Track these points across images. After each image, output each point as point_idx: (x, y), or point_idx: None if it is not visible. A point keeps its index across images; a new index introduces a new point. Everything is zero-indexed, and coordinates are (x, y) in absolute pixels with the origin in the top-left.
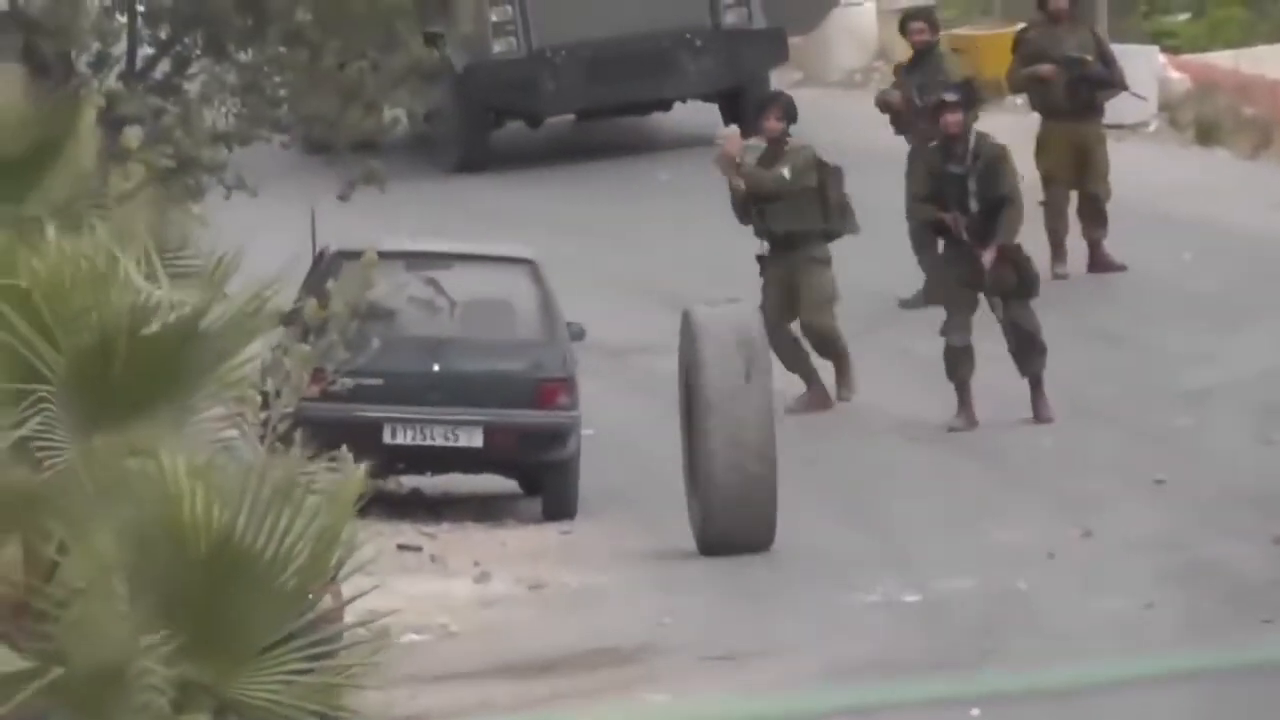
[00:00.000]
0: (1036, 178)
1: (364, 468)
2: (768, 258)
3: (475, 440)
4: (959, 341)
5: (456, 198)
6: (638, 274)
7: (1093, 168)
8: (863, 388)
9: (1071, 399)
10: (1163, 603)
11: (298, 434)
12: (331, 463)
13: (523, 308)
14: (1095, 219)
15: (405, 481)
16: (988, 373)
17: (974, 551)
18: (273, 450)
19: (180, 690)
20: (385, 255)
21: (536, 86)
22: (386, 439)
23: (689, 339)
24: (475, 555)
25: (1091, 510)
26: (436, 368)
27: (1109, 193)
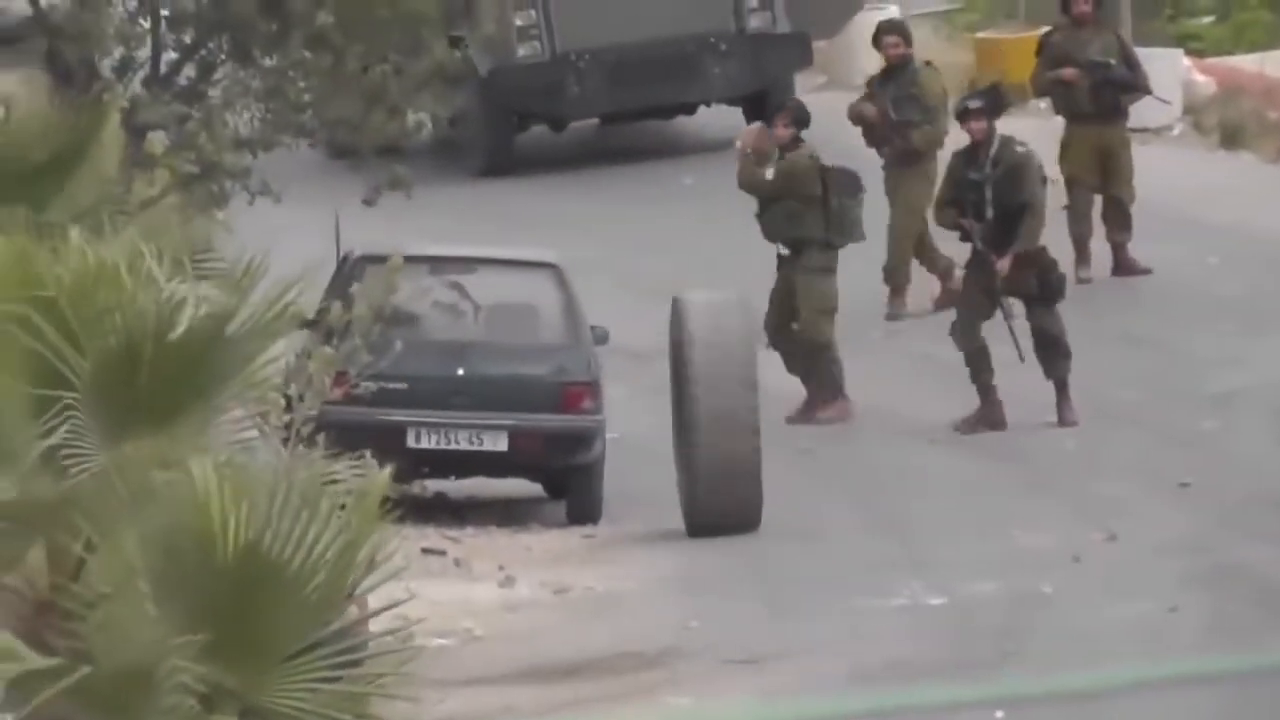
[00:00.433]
0: (1060, 181)
1: (389, 471)
2: (780, 259)
3: (500, 444)
4: (967, 346)
5: (480, 202)
6: (662, 278)
7: (1117, 171)
8: (886, 392)
9: (1096, 402)
10: (1188, 606)
11: (321, 437)
12: (356, 465)
13: (547, 312)
14: (1120, 222)
15: (429, 485)
16: (1009, 376)
17: (998, 555)
18: (296, 453)
19: (207, 696)
20: (409, 259)
21: (560, 90)
22: (410, 443)
23: (678, 323)
24: (500, 559)
25: (1116, 513)
26: (461, 372)
27: (1134, 196)
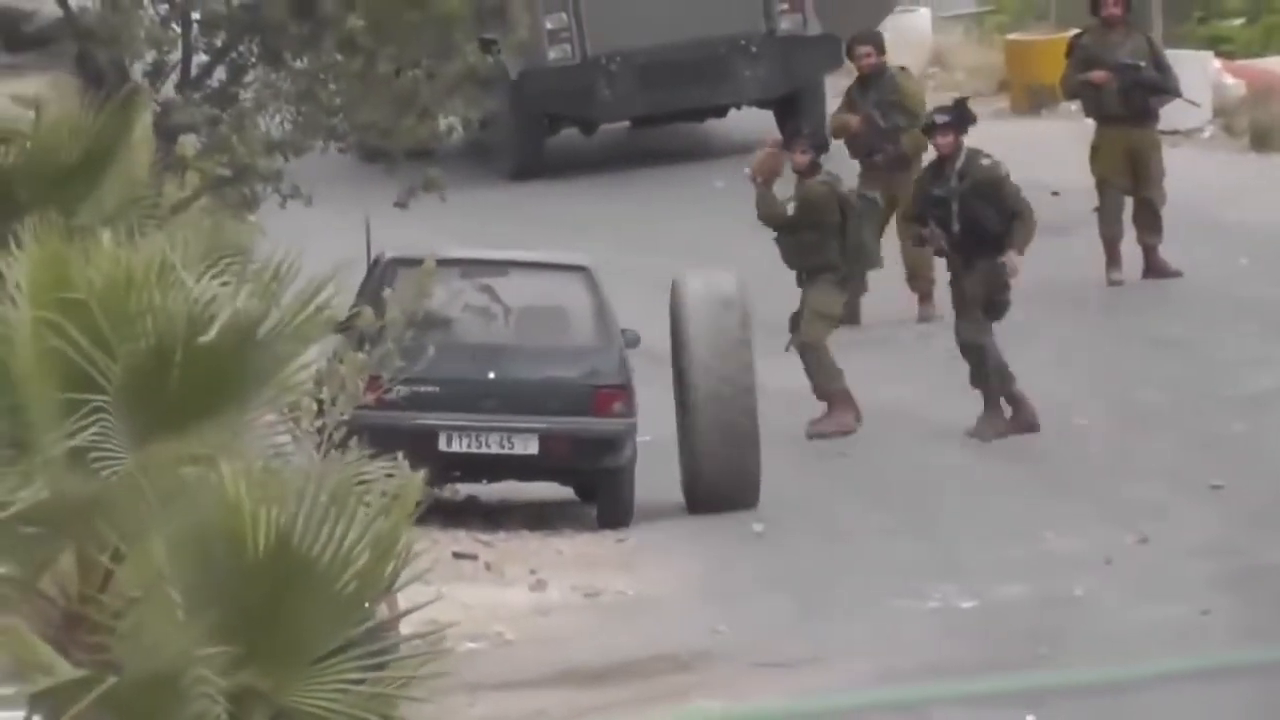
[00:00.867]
0: (1091, 183)
1: (422, 473)
2: (800, 281)
3: (531, 448)
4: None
5: (511, 204)
6: None
7: (1147, 173)
8: (916, 394)
9: (1127, 404)
10: (1219, 609)
11: (353, 441)
12: (389, 467)
13: (578, 315)
14: (1150, 224)
15: (461, 489)
16: (1033, 380)
17: (1030, 557)
18: (328, 456)
19: (236, 698)
20: (441, 263)
21: (591, 93)
22: (442, 446)
23: (677, 304)
24: (531, 563)
25: (1148, 516)
26: (492, 375)
27: (1164, 198)
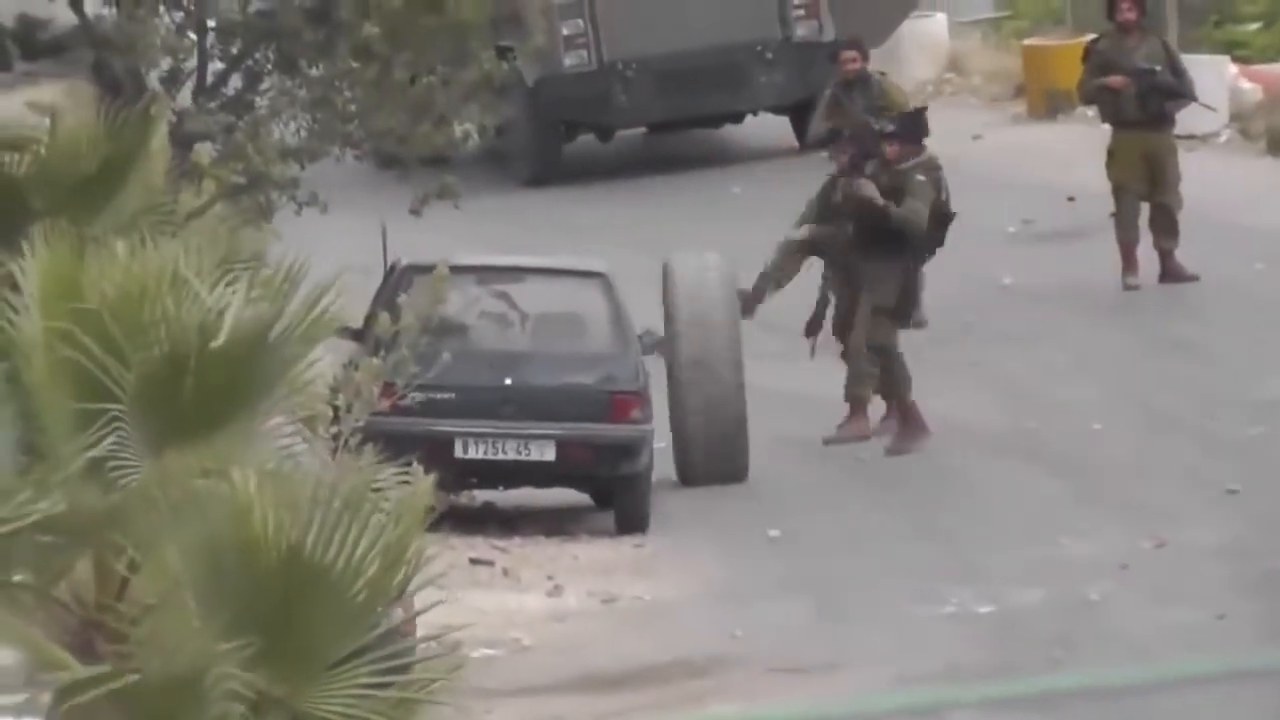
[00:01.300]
0: (1107, 188)
1: (432, 478)
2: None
3: (547, 454)
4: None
5: (527, 211)
6: None
7: (1164, 178)
8: (933, 399)
9: (1143, 408)
10: (1236, 613)
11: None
12: (402, 473)
13: (594, 321)
14: (1167, 229)
15: (477, 496)
16: (1050, 385)
17: (1046, 562)
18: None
19: (253, 704)
20: (457, 269)
21: (607, 99)
22: (458, 453)
23: (669, 285)
24: (548, 569)
25: (1164, 520)
26: (508, 382)
27: (1181, 203)
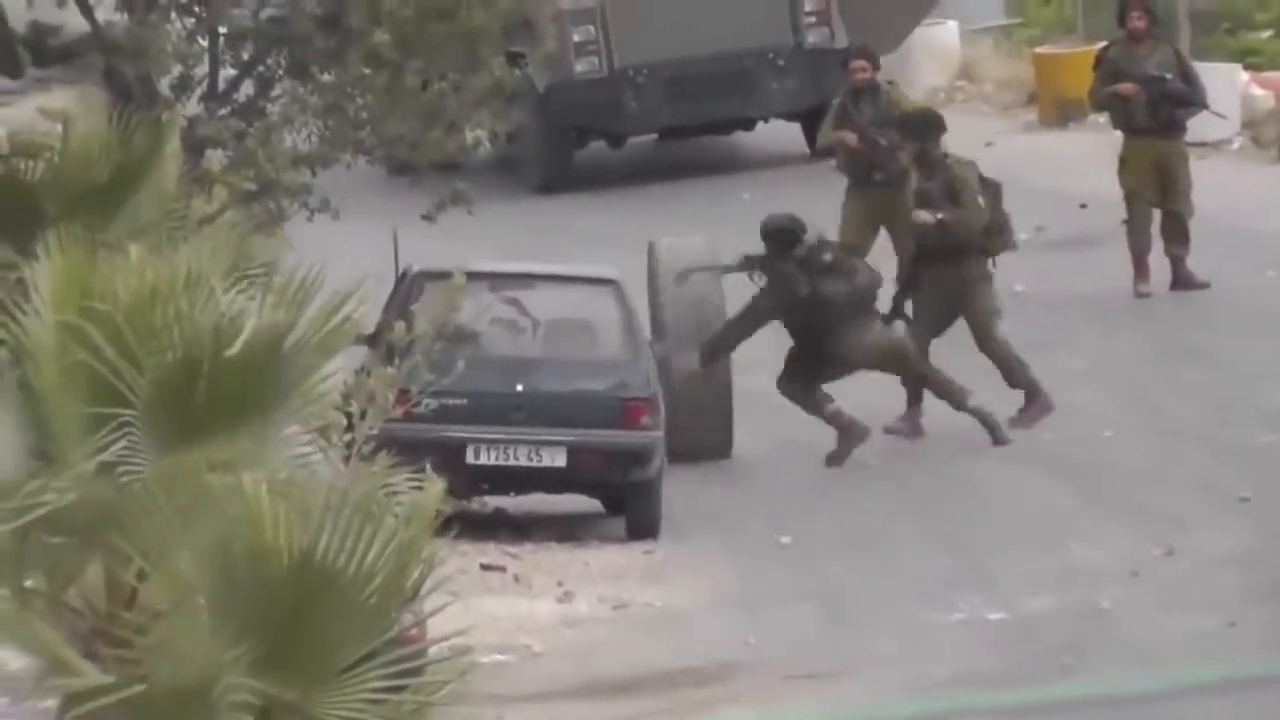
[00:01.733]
0: (1119, 196)
1: (442, 483)
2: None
3: (559, 460)
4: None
5: (539, 218)
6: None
7: (1175, 186)
8: (941, 405)
9: (1154, 415)
10: (1247, 620)
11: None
12: (414, 478)
13: (606, 328)
14: (1178, 236)
15: (489, 501)
16: (1061, 392)
17: (1057, 569)
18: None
19: (264, 710)
20: (469, 276)
21: (618, 106)
22: (470, 459)
23: (653, 266)
24: (559, 575)
25: (1175, 528)
26: (520, 388)
27: (1193, 211)
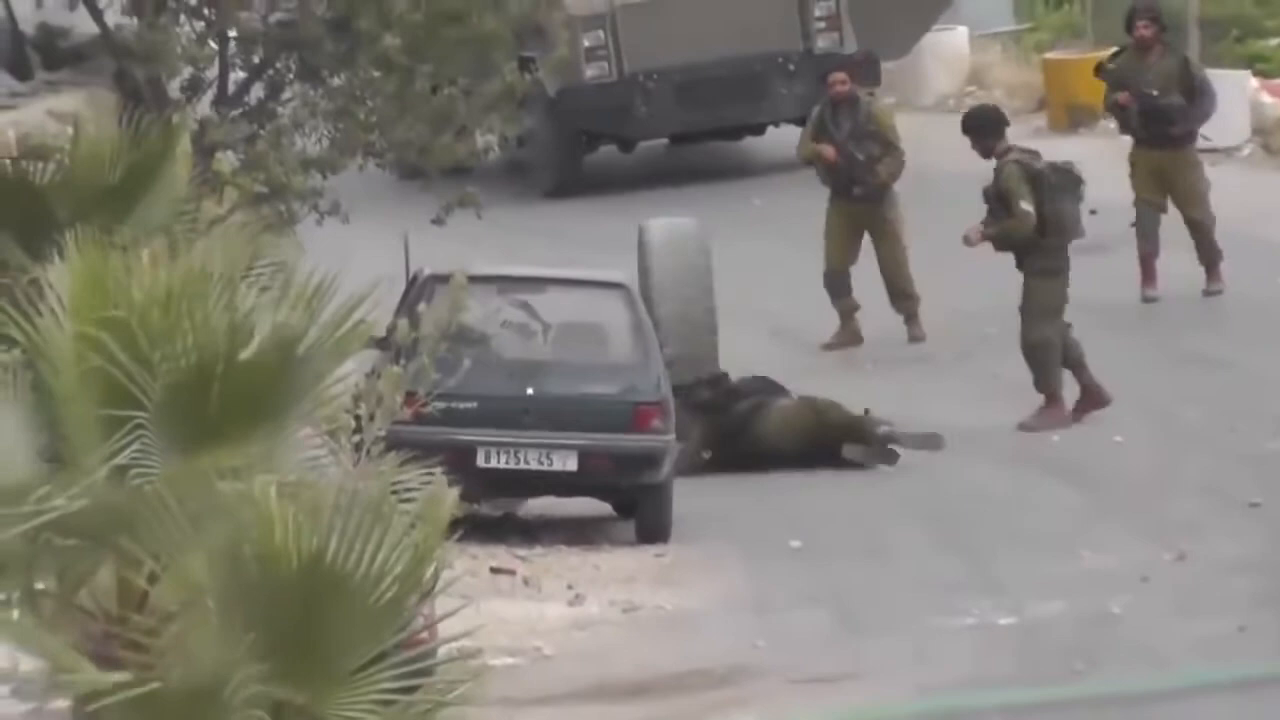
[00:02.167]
0: (1129, 201)
1: (455, 486)
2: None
3: (569, 464)
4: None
5: (549, 222)
6: (731, 297)
7: (1181, 193)
8: (953, 411)
9: (1164, 421)
10: (1257, 625)
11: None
12: (425, 476)
13: (616, 331)
14: (1199, 246)
15: (499, 505)
16: (1072, 397)
17: (1068, 574)
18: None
19: (275, 711)
20: (478, 279)
21: (629, 110)
22: (480, 463)
23: (643, 242)
24: (569, 578)
25: (1185, 533)
26: (530, 391)
27: (1212, 218)
